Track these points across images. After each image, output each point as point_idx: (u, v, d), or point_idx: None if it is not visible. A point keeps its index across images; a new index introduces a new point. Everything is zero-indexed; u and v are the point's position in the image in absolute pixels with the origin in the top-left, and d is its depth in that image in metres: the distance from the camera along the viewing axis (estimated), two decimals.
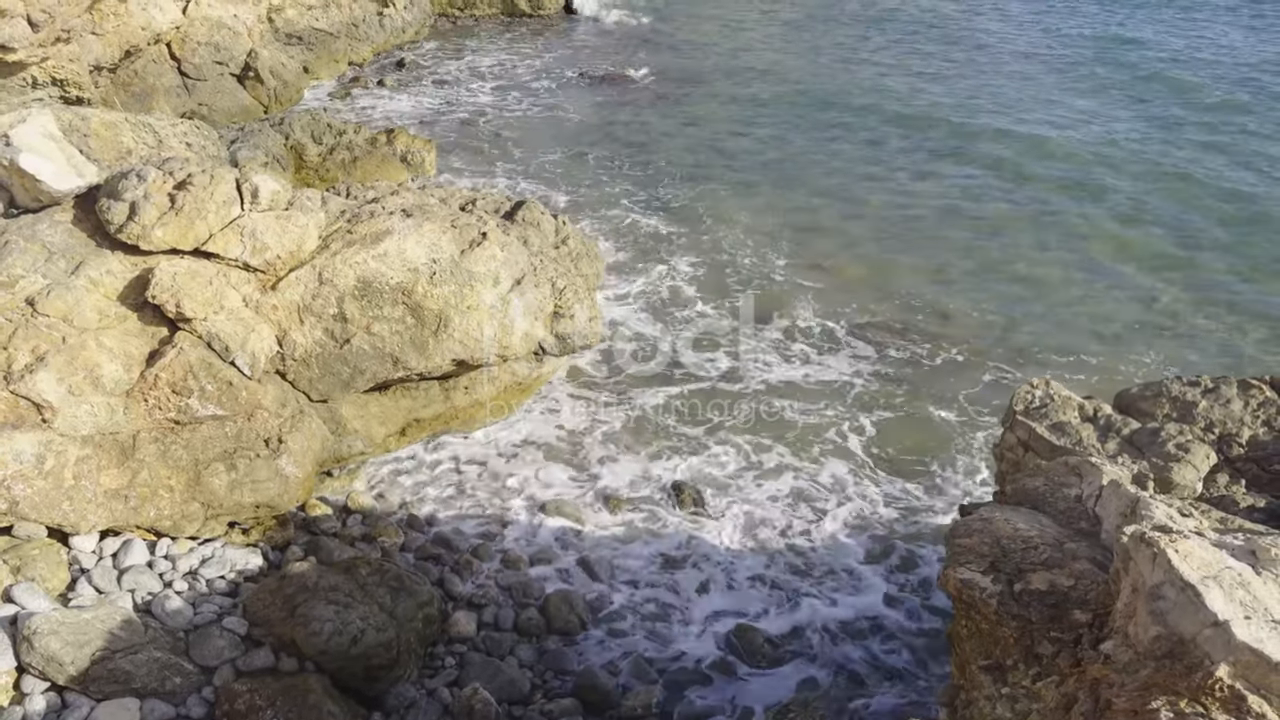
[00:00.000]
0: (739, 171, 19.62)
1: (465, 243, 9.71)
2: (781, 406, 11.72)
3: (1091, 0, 38.84)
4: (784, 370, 12.49)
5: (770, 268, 15.20)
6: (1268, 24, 35.39)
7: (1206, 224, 17.25)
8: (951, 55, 30.47)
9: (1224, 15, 37.05)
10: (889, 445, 11.09)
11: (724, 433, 11.27)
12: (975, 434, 11.26)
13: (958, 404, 11.85)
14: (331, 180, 16.14)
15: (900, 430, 11.36)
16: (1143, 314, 14.11)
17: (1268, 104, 24.97)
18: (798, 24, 36.11)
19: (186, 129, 11.67)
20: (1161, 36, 32.72)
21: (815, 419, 11.50)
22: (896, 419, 11.57)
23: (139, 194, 8.30)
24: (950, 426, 11.44)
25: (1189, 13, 36.94)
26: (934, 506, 10.12)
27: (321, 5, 24.80)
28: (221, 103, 19.75)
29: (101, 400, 7.50)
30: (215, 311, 8.13)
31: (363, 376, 8.94)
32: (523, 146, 20.85)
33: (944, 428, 11.42)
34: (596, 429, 11.30)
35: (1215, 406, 6.37)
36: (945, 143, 21.60)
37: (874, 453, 10.96)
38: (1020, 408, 6.67)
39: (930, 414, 11.66)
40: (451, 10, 33.56)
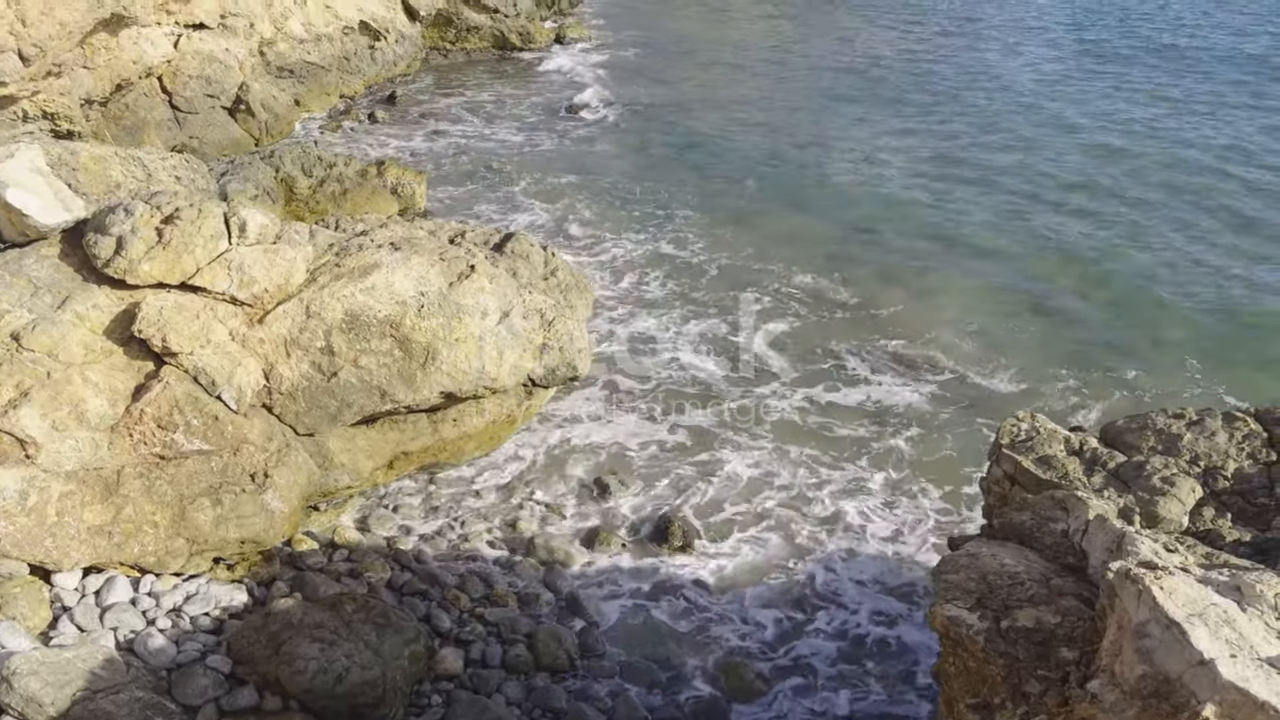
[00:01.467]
0: (739, 198, 19.78)
1: (454, 275, 9.74)
2: (782, 437, 11.72)
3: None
4: (786, 403, 12.50)
5: (771, 289, 15.26)
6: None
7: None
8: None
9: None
10: (893, 476, 11.09)
11: (720, 464, 11.24)
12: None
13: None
14: (322, 212, 16.17)
15: (913, 460, 11.37)
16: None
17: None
18: (785, 50, 36.52)
19: (176, 162, 11.70)
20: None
21: (824, 448, 11.50)
22: (919, 449, 11.58)
23: (126, 228, 8.31)
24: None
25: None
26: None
27: (313, 39, 24.98)
28: (212, 135, 19.82)
29: (86, 435, 7.45)
30: (202, 345, 8.11)
31: (350, 410, 8.92)
32: (514, 178, 20.94)
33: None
34: (585, 460, 11.26)
35: (1200, 439, 6.39)
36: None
37: (877, 483, 10.95)
38: (1006, 441, 6.69)
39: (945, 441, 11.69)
40: (443, 44, 33.83)
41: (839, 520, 10.33)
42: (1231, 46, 35.84)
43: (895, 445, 11.65)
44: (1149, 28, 40.37)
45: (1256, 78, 31.19)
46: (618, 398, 12.58)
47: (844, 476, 11.06)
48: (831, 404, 12.50)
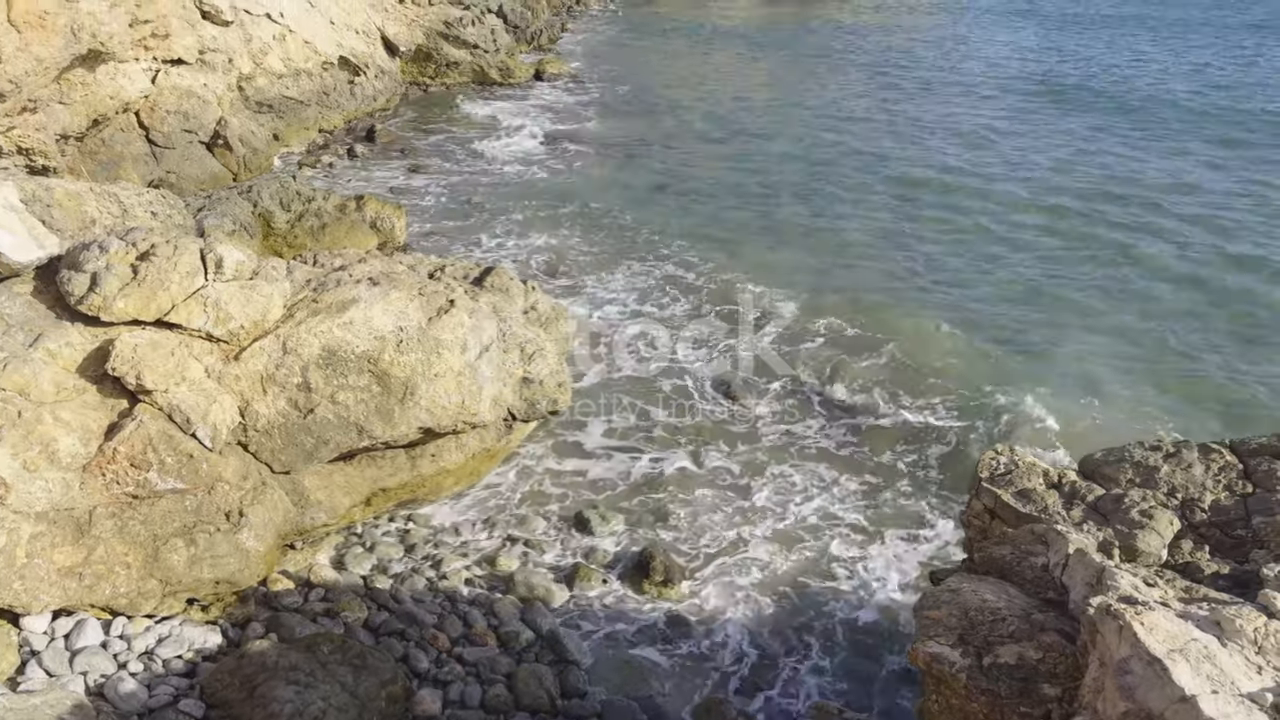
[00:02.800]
0: (721, 228, 19.91)
1: (433, 310, 9.70)
2: (768, 469, 11.69)
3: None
4: (772, 434, 12.49)
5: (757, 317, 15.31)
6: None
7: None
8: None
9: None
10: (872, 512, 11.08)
11: (702, 497, 11.20)
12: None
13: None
14: (300, 247, 16.12)
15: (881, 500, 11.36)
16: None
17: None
18: (766, 84, 36.97)
19: (152, 198, 11.64)
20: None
21: (811, 481, 11.48)
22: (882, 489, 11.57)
23: (101, 265, 8.23)
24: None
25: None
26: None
27: (292, 74, 25.04)
28: (190, 170, 19.76)
29: (57, 475, 7.33)
30: (176, 383, 8.02)
31: (327, 447, 8.83)
32: (493, 211, 20.99)
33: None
34: (566, 495, 11.19)
35: (1177, 471, 6.43)
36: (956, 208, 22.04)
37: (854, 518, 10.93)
38: (985, 474, 6.70)
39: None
40: (423, 79, 34.03)
41: (825, 553, 10.29)
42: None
43: (884, 476, 11.65)
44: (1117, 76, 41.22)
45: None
46: (598, 429, 12.54)
47: (831, 510, 11.03)
48: (817, 434, 12.50)
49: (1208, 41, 52.63)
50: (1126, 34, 54.95)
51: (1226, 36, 54.79)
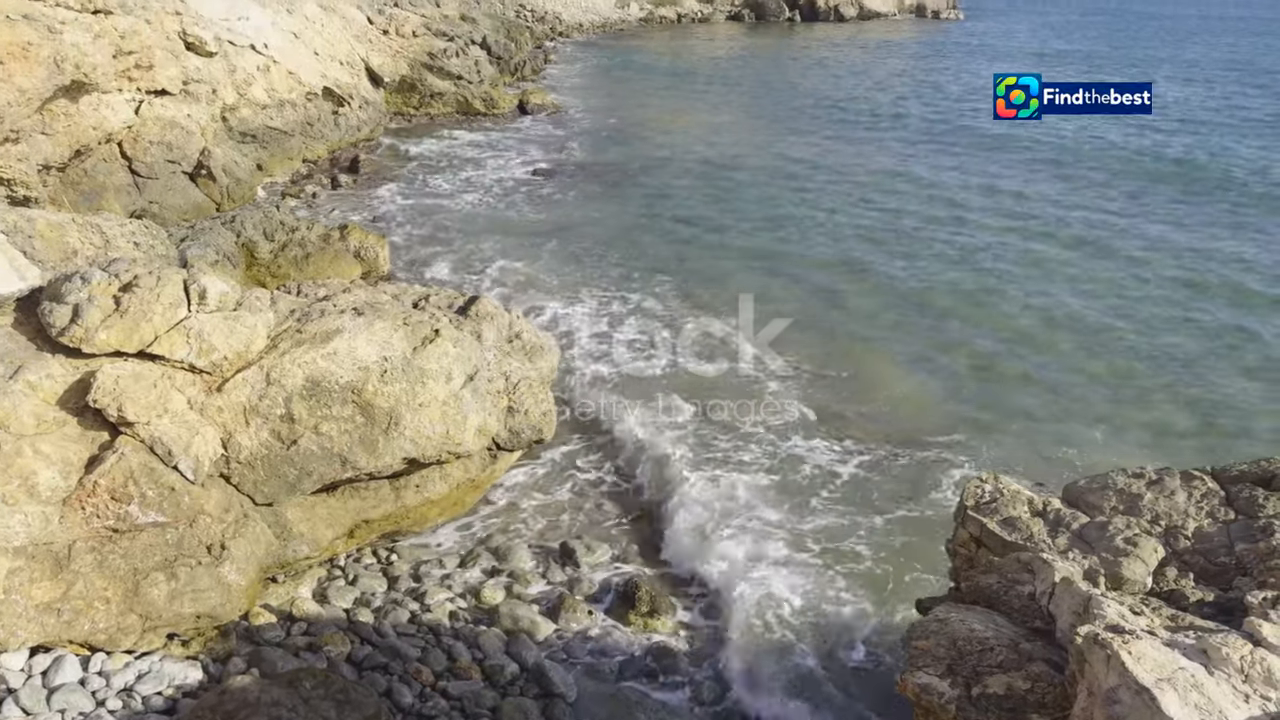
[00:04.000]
0: (701, 259, 20.00)
1: (418, 340, 9.69)
2: (754, 500, 11.68)
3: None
4: (758, 465, 12.49)
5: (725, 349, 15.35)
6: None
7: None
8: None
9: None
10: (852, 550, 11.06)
11: (687, 527, 11.15)
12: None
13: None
14: (284, 277, 16.08)
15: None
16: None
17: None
18: (743, 116, 37.32)
19: (135, 229, 11.61)
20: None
21: (798, 513, 11.47)
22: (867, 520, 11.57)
23: (83, 296, 8.19)
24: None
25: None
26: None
27: (276, 105, 25.10)
28: (173, 200, 19.72)
29: (36, 509, 7.24)
30: (159, 415, 7.96)
31: (310, 478, 8.77)
32: (478, 240, 21.04)
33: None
34: (551, 525, 11.14)
35: (1160, 499, 6.47)
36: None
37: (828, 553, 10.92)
38: (971, 503, 6.72)
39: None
40: (407, 109, 34.18)
41: (814, 583, 10.25)
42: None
43: (868, 507, 11.66)
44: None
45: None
46: (582, 460, 12.51)
47: (816, 537, 11.02)
48: (801, 464, 12.51)
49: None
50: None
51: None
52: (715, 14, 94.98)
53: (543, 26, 72.30)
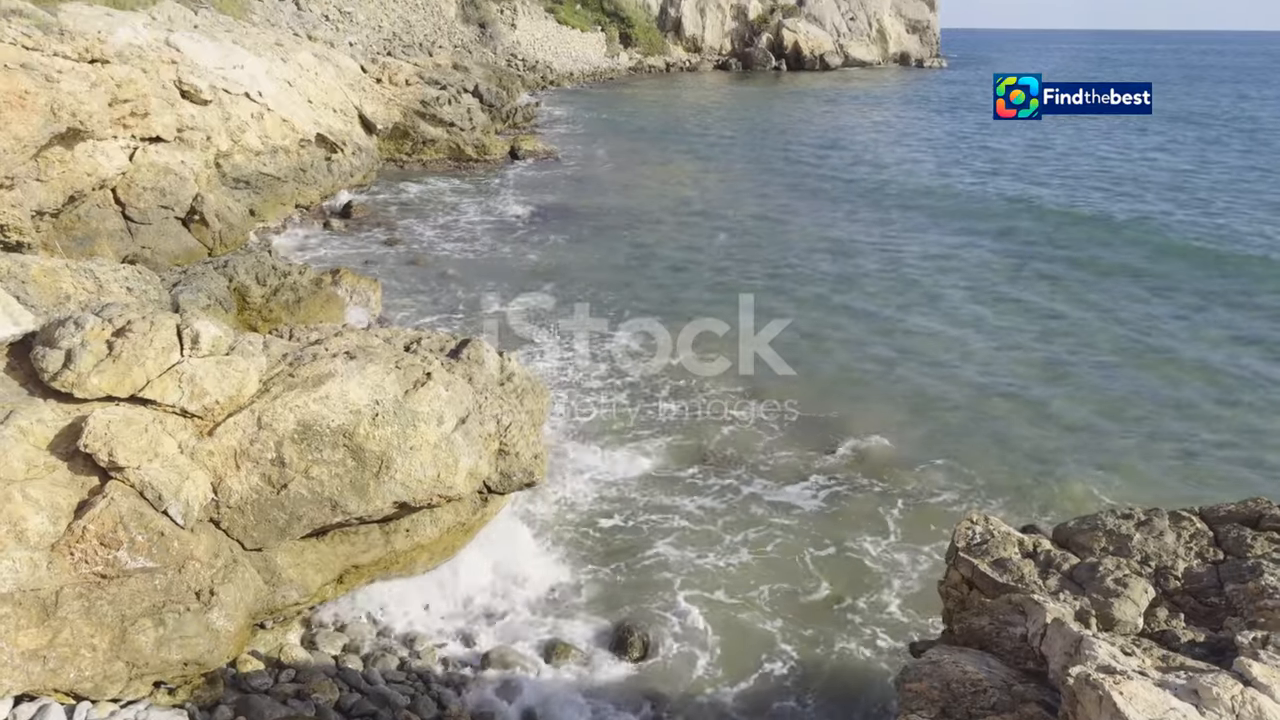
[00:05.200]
0: (689, 301, 20.12)
1: (409, 383, 9.71)
2: (746, 540, 11.65)
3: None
4: (751, 502, 12.47)
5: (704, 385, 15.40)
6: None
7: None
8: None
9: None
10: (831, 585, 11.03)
11: (679, 566, 11.12)
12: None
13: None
14: (275, 321, 16.12)
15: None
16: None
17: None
18: (729, 168, 37.78)
19: (128, 274, 11.66)
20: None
21: (787, 553, 11.44)
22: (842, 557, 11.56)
23: (76, 341, 8.20)
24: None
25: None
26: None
27: (269, 151, 25.32)
28: (165, 245, 19.80)
29: (24, 555, 7.18)
30: (149, 459, 7.93)
31: (300, 523, 8.72)
32: (468, 283, 21.15)
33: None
34: (541, 570, 11.08)
35: (1149, 539, 6.50)
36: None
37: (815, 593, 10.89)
38: (962, 544, 6.74)
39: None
40: (399, 155, 34.51)
41: (808, 623, 10.20)
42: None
43: (857, 546, 11.65)
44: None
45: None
46: (570, 504, 12.48)
47: (810, 576, 10.99)
48: (790, 507, 12.51)
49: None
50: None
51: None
52: (703, 63, 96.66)
53: (534, 75, 73.46)
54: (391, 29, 60.82)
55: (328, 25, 53.36)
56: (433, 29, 66.69)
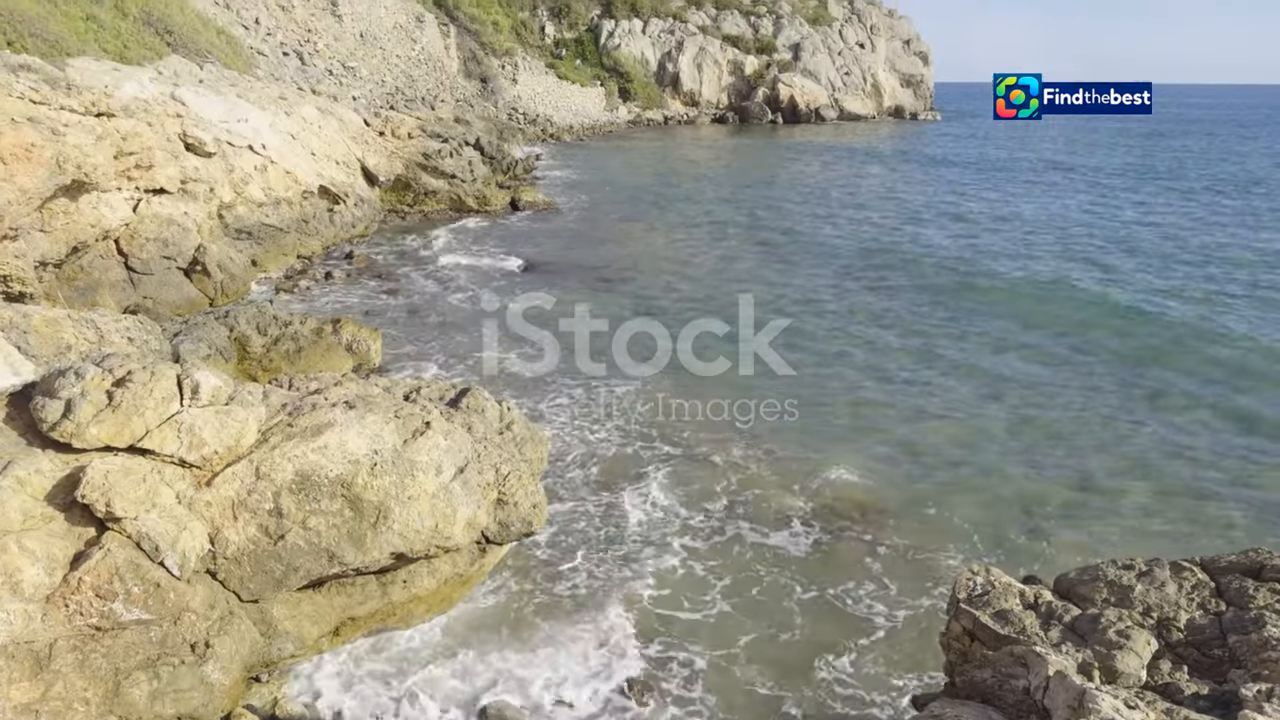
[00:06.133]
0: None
1: (408, 432, 9.71)
2: (744, 600, 11.56)
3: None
4: (750, 562, 12.40)
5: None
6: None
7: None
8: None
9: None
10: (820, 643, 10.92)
11: (676, 617, 11.02)
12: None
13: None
14: (275, 370, 16.16)
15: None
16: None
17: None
18: (724, 221, 38.13)
19: (129, 324, 11.71)
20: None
21: (782, 616, 11.35)
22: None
23: (76, 391, 8.22)
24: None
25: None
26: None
27: (272, 203, 25.57)
28: (167, 295, 19.91)
29: (19, 607, 7.12)
30: (147, 510, 7.91)
31: (296, 574, 8.66)
32: (469, 332, 21.24)
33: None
34: (541, 621, 10.98)
35: (1151, 590, 6.46)
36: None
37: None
38: (963, 595, 6.70)
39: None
40: (401, 206, 34.84)
41: (805, 677, 10.09)
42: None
43: (847, 595, 11.55)
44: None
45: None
46: (566, 553, 12.41)
47: (798, 626, 10.88)
48: (783, 558, 12.43)
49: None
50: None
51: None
52: (700, 116, 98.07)
53: (534, 128, 74.51)
54: (395, 83, 61.76)
55: (331, 80, 54.21)
56: (435, 83, 67.73)
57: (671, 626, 10.94)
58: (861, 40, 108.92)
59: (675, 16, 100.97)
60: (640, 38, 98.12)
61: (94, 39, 27.05)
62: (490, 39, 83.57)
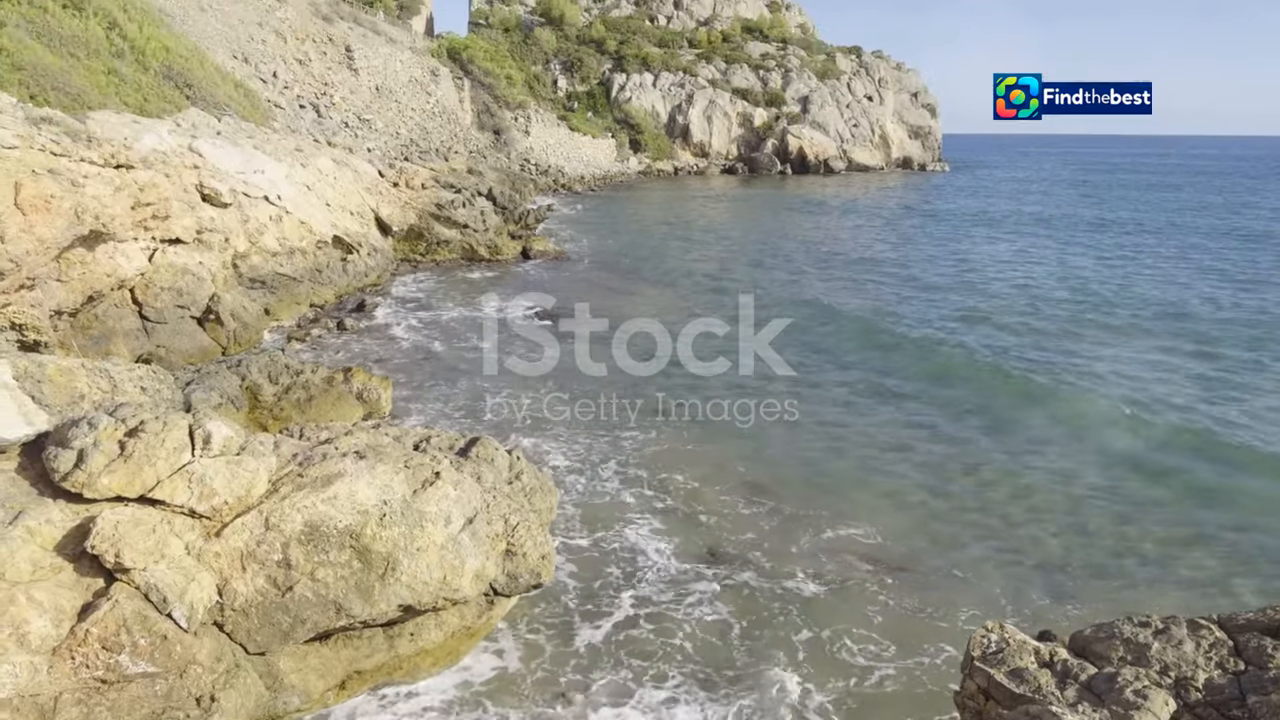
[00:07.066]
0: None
1: (418, 483, 9.70)
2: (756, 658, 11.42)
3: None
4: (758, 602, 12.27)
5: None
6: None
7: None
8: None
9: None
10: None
11: (684, 681, 10.88)
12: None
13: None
14: (286, 419, 16.20)
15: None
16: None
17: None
18: (735, 272, 38.31)
19: (142, 374, 11.80)
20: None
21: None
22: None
23: (89, 441, 8.27)
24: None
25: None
26: None
27: (286, 252, 25.84)
28: (180, 344, 20.06)
29: (25, 659, 7.10)
30: (156, 560, 7.90)
31: (304, 626, 8.62)
32: (480, 381, 21.28)
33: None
34: (550, 681, 10.84)
35: (1168, 648, 6.37)
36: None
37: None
38: (978, 653, 6.61)
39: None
40: (413, 255, 35.16)
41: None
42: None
43: (852, 649, 11.39)
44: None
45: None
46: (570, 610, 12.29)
47: (806, 679, 10.72)
48: (785, 602, 12.29)
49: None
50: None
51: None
52: (710, 167, 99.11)
53: (546, 178, 75.41)
54: (409, 135, 62.71)
55: (347, 132, 55.09)
56: (449, 135, 68.73)
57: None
58: (870, 93, 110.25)
59: (686, 70, 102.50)
60: (651, 91, 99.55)
61: (115, 92, 27.61)
62: (504, 92, 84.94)
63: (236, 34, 53.52)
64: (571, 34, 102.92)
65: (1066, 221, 62.88)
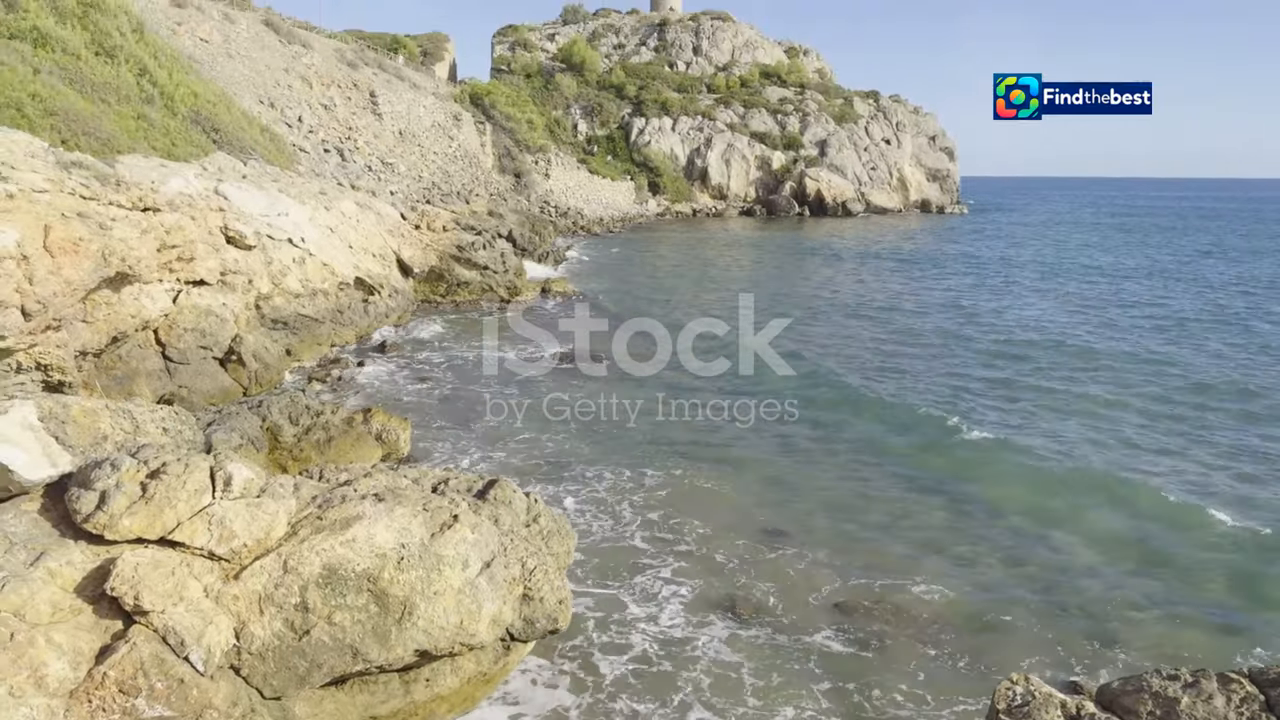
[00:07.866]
0: (719, 448, 20.08)
1: (436, 525, 9.69)
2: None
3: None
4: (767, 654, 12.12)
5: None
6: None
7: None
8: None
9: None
10: None
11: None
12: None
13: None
14: (305, 460, 16.26)
15: None
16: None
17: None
18: (754, 316, 38.35)
19: (165, 415, 11.89)
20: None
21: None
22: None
23: (111, 483, 8.32)
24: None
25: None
26: None
27: (309, 294, 26.12)
28: (201, 385, 20.23)
29: (42, 702, 7.08)
30: (174, 603, 7.91)
31: (319, 671, 8.57)
32: (498, 421, 21.31)
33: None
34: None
35: (1198, 703, 6.23)
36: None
37: None
38: (1002, 705, 6.49)
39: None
40: (434, 296, 35.47)
41: None
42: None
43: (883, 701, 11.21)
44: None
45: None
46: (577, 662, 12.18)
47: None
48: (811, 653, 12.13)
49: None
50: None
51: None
52: (729, 209, 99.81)
53: (566, 220, 76.14)
54: (431, 179, 63.51)
55: (370, 175, 55.86)
56: (471, 178, 69.56)
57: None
58: (887, 136, 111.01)
59: (704, 114, 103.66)
60: (670, 134, 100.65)
61: (144, 137, 28.16)
62: (525, 136, 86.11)
63: (263, 79, 54.60)
64: (592, 79, 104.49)
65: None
